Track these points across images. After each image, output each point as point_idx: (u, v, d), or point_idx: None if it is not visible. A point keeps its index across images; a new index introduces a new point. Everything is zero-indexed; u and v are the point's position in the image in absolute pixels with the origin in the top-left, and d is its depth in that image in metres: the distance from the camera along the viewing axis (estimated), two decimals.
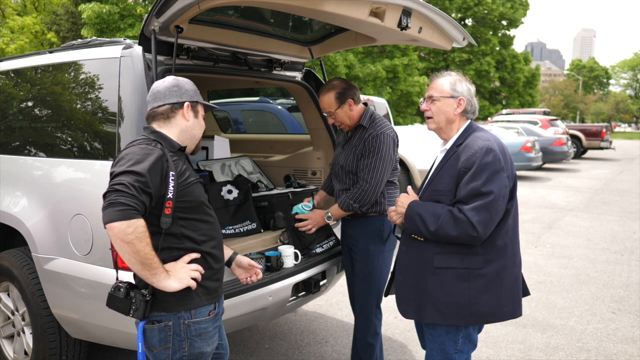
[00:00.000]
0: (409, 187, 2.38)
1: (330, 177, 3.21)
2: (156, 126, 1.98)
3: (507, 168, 2.11)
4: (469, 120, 2.29)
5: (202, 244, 1.93)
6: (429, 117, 2.31)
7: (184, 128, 1.99)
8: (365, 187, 2.79)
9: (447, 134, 2.28)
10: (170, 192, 1.81)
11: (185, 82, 2.03)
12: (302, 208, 3.07)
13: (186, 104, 1.98)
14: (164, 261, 1.84)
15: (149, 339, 1.87)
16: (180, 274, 1.82)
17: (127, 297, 1.81)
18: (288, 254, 2.82)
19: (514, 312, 2.23)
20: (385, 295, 2.64)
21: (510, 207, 2.15)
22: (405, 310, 2.30)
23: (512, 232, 2.21)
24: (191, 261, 1.89)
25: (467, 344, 2.27)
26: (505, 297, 2.18)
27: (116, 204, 1.66)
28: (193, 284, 1.85)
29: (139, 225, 1.68)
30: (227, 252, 2.27)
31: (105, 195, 1.70)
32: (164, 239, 1.85)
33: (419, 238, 2.22)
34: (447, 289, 2.15)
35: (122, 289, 1.82)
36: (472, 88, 2.30)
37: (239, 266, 2.29)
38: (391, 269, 2.68)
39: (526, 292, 2.37)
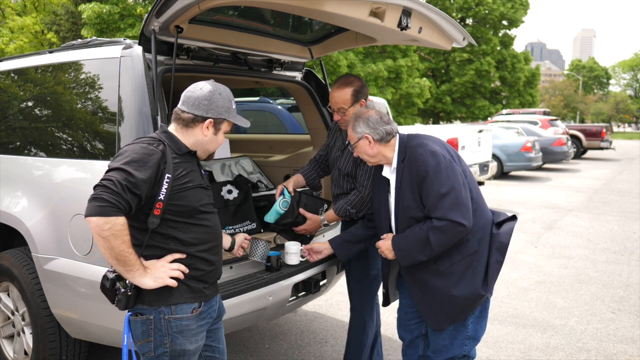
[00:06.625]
0: (303, 247, 2.71)
1: (311, 164, 3.14)
2: (173, 128, 1.99)
3: (452, 158, 2.27)
4: (397, 136, 2.38)
5: (190, 246, 1.93)
6: (363, 159, 2.48)
7: (199, 140, 1.99)
8: (364, 193, 2.78)
9: (386, 160, 2.39)
10: (162, 194, 1.82)
11: (220, 97, 1.98)
12: (280, 208, 2.83)
13: (208, 120, 1.97)
14: (148, 258, 1.87)
15: (134, 330, 1.93)
16: (158, 273, 1.84)
17: (113, 288, 1.85)
18: (294, 250, 2.77)
19: (507, 243, 2.37)
20: (385, 305, 2.68)
21: (469, 186, 2.28)
22: (438, 324, 2.39)
23: (481, 205, 2.35)
24: (175, 260, 1.90)
25: (478, 327, 2.38)
26: (498, 248, 2.33)
27: (99, 199, 1.70)
28: (172, 283, 1.86)
29: (116, 222, 1.71)
30: (226, 240, 2.43)
31: (94, 188, 1.74)
32: (151, 237, 1.87)
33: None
34: (459, 282, 2.28)
35: (109, 280, 1.86)
36: (373, 117, 2.36)
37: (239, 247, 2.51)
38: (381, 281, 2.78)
39: (512, 217, 2.47)
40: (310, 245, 2.81)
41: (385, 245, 2.39)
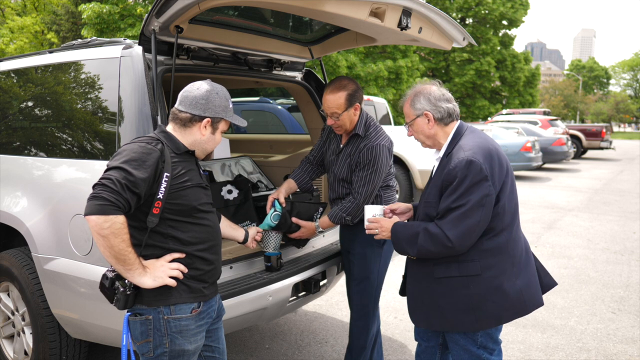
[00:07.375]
0: (386, 208, 2.44)
1: (303, 166, 3.09)
2: (171, 128, 2.00)
3: (492, 174, 2.05)
4: (458, 123, 2.25)
5: (189, 245, 1.93)
6: (417, 140, 2.34)
7: (197, 140, 2.00)
8: (359, 200, 2.75)
9: (438, 144, 2.28)
10: (161, 193, 1.83)
11: (217, 97, 1.99)
12: (272, 221, 2.76)
13: (206, 119, 1.97)
14: (147, 257, 1.88)
15: (133, 330, 1.93)
16: (157, 272, 1.84)
17: (112, 287, 1.85)
18: (378, 212, 2.44)
19: (524, 309, 2.20)
20: (403, 295, 2.62)
21: (500, 209, 2.10)
22: (416, 319, 2.35)
23: (507, 232, 2.15)
24: (174, 260, 1.90)
25: (488, 341, 2.28)
26: (511, 298, 2.14)
27: (98, 197, 1.71)
28: (171, 282, 1.87)
29: (116, 221, 1.71)
30: (240, 234, 2.51)
31: (93, 187, 1.74)
32: (150, 236, 1.88)
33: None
34: (449, 297, 2.17)
35: (108, 279, 1.86)
36: (435, 93, 2.21)
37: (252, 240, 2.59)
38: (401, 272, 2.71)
39: (551, 282, 2.33)
40: (396, 205, 2.51)
41: (386, 224, 2.30)
